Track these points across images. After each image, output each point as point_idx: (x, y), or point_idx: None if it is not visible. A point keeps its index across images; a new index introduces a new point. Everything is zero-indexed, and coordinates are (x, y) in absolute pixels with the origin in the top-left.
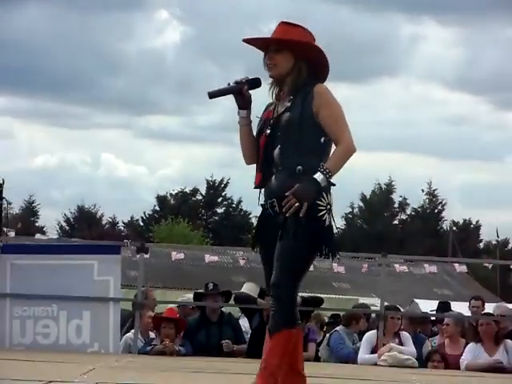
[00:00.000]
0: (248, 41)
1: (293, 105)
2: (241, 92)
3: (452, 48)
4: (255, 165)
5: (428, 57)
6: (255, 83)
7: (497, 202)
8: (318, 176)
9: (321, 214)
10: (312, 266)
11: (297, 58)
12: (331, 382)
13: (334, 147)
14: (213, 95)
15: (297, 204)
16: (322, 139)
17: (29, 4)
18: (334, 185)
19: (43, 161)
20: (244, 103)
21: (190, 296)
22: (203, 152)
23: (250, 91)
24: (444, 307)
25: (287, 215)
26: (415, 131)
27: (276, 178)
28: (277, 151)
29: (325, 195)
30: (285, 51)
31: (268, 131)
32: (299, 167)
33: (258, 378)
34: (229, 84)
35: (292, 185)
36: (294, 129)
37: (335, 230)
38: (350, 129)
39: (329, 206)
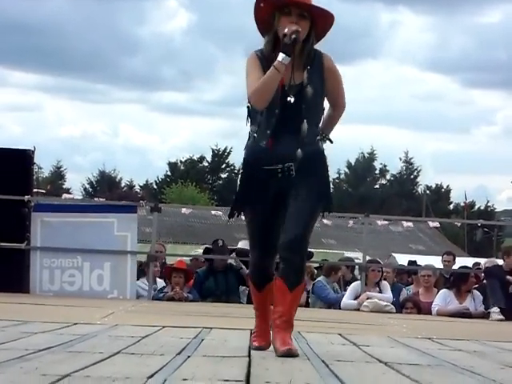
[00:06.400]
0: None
1: (311, 77)
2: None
3: (424, 33)
4: (258, 126)
5: (404, 41)
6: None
7: (464, 168)
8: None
9: (328, 174)
10: None
11: (311, 26)
12: (324, 325)
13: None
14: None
15: None
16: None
17: None
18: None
19: (69, 131)
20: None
21: (200, 251)
22: (208, 124)
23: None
24: (412, 265)
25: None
26: (394, 107)
27: (300, 147)
28: (305, 126)
29: None
30: (307, 18)
31: (291, 99)
32: (318, 137)
33: (282, 332)
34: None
35: (313, 155)
36: (318, 105)
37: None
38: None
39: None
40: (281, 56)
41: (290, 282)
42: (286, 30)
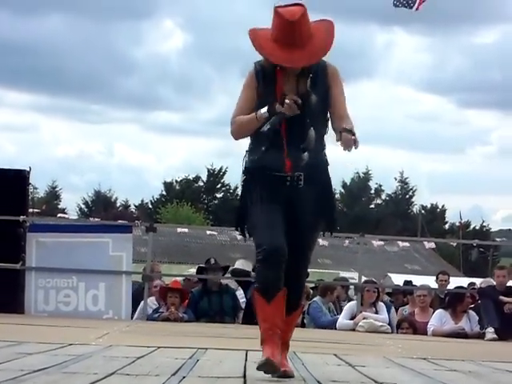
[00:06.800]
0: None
1: (315, 85)
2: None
3: (419, 54)
4: (266, 146)
5: (399, 62)
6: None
7: (460, 188)
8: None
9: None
10: None
11: None
12: (320, 345)
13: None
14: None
15: (353, 138)
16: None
17: (52, 15)
18: None
19: (64, 151)
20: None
21: (193, 271)
22: (204, 144)
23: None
24: (408, 285)
25: (347, 150)
26: (389, 127)
27: (308, 156)
28: (312, 133)
29: None
30: None
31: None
32: (324, 151)
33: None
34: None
35: (319, 164)
36: (321, 114)
37: None
38: None
39: None
40: (264, 109)
41: (287, 308)
42: (286, 98)
